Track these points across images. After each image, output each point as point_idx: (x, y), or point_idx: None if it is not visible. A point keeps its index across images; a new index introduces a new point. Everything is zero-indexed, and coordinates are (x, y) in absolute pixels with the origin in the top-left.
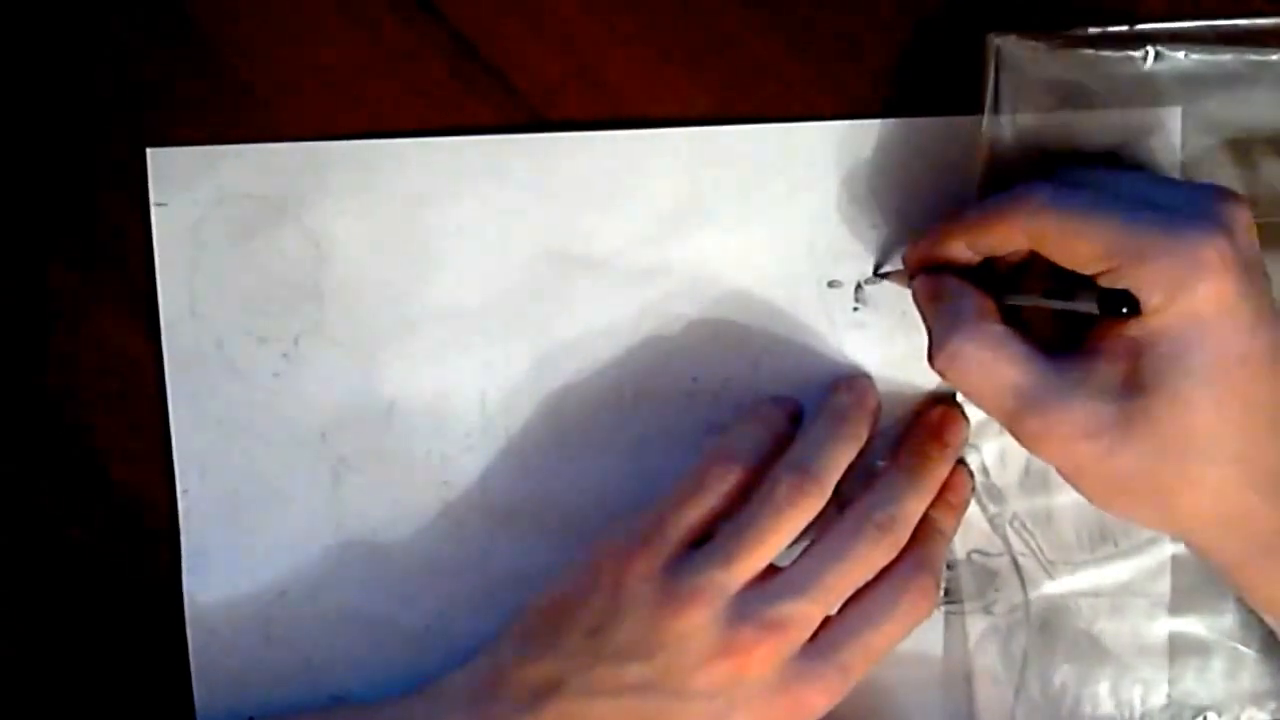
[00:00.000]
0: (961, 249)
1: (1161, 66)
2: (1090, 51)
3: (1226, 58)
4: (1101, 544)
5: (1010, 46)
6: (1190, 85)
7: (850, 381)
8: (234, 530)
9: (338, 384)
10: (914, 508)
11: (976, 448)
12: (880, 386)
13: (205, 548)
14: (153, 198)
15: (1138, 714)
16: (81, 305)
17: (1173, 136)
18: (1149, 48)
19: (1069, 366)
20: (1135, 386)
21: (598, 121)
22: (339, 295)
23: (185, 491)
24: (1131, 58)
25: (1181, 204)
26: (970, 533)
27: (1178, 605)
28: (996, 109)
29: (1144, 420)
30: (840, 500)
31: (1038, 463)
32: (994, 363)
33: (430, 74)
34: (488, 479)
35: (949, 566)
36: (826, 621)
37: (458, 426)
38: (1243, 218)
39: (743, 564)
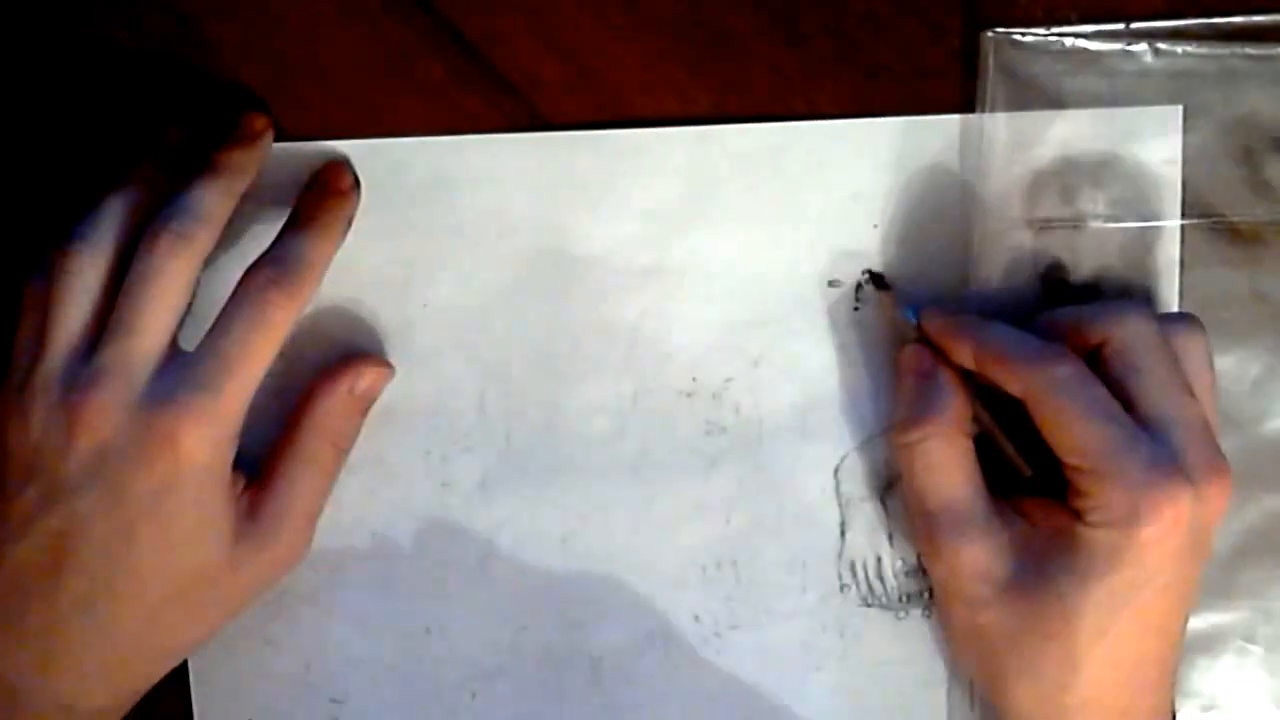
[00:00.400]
0: (966, 355)
1: (1160, 63)
2: (1088, 48)
3: (1224, 53)
4: None
5: (1006, 44)
6: (1189, 82)
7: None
8: None
9: None
10: (308, 252)
11: None
12: (880, 386)
13: None
14: None
15: None
16: None
17: (1174, 135)
18: (1146, 44)
19: (997, 509)
20: (1039, 565)
21: (597, 121)
22: (335, 296)
23: None
24: (1130, 54)
25: (1180, 449)
26: None
27: None
28: (993, 107)
29: (1026, 595)
30: None
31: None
32: (952, 470)
33: (428, 73)
34: (487, 480)
35: None
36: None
37: (456, 427)
38: (1221, 491)
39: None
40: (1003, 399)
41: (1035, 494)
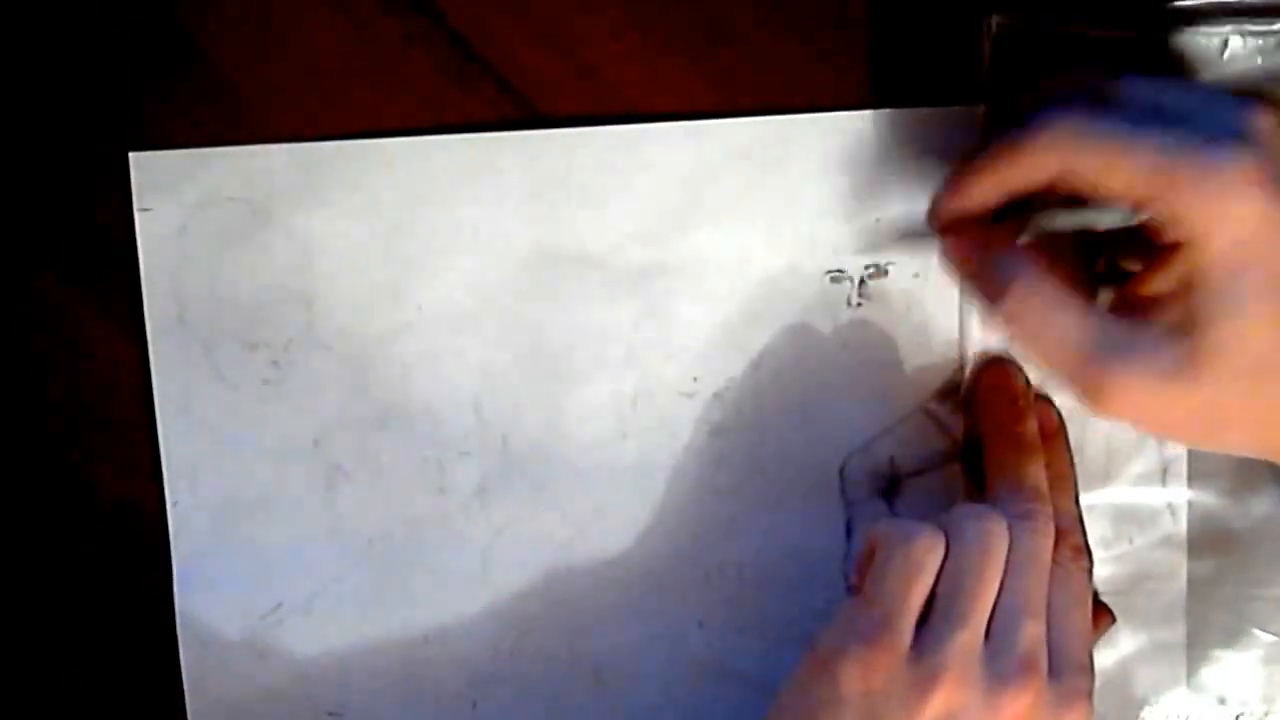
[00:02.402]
0: (988, 190)
1: (1159, 46)
2: (1088, 34)
3: (1224, 30)
4: (1115, 542)
5: (1008, 27)
6: (1187, 63)
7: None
8: (226, 542)
9: (330, 390)
10: (1033, 475)
11: None
12: (884, 381)
13: (197, 561)
14: (136, 203)
15: (1155, 708)
16: (66, 314)
17: None
18: (1150, 24)
19: (1126, 315)
20: (1195, 322)
21: (593, 116)
22: (329, 299)
23: (175, 503)
24: (1132, 40)
25: (1204, 120)
26: None
27: (1195, 598)
28: (996, 93)
29: (1212, 353)
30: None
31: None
32: (1057, 313)
33: (421, 69)
34: (485, 485)
35: None
36: None
37: (453, 431)
38: (1265, 126)
39: (976, 622)
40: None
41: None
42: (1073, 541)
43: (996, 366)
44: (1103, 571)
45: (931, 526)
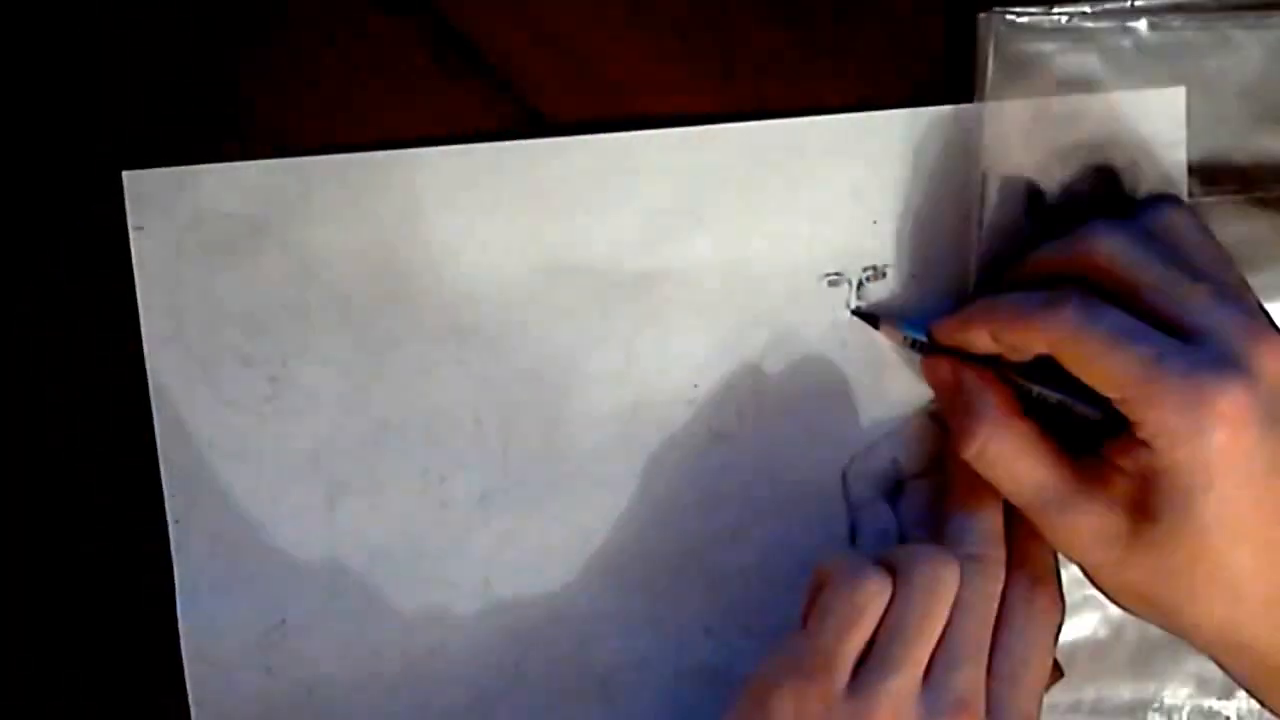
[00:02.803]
0: (986, 339)
1: (1159, 38)
2: (1087, 25)
3: (1224, 24)
4: None
5: (1003, 23)
6: (1190, 56)
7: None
8: (228, 560)
9: (328, 406)
10: (991, 519)
11: None
12: (885, 383)
13: (199, 579)
14: (130, 221)
15: (1163, 702)
16: (62, 332)
17: (1177, 117)
18: (1145, 19)
19: (1087, 471)
20: (1145, 509)
21: (595, 119)
22: (326, 314)
23: (176, 522)
24: (1128, 30)
25: (1211, 337)
26: None
27: None
28: (993, 92)
29: (1151, 543)
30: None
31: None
32: (1022, 459)
33: (419, 71)
34: (486, 498)
35: None
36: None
37: (453, 444)
38: (1274, 366)
39: (914, 665)
40: (1046, 362)
41: (1115, 434)
42: (1046, 593)
43: None
44: None
45: (880, 569)
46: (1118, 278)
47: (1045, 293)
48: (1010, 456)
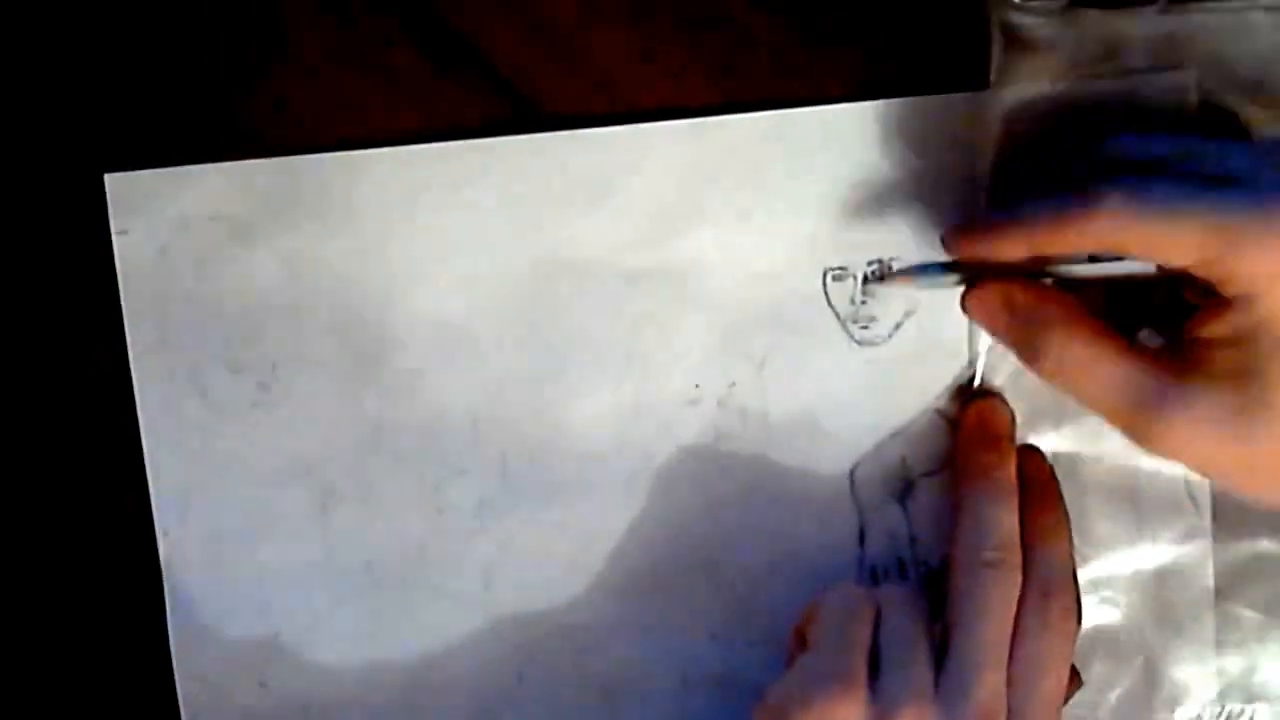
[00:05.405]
0: (1023, 250)
1: (1173, 21)
2: (1097, 10)
3: (1239, 6)
4: (1136, 530)
5: (1012, 7)
6: (1203, 39)
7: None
8: (220, 572)
9: (320, 411)
10: (1006, 522)
11: None
12: (893, 380)
13: (190, 592)
14: (114, 226)
15: (1186, 706)
16: (45, 340)
17: (1188, 100)
18: (1156, 2)
19: (1177, 359)
20: (1251, 372)
21: (590, 113)
22: (317, 317)
23: (165, 533)
24: (1140, 12)
25: (1263, 175)
26: None
27: (1223, 594)
28: (1003, 79)
29: (1268, 406)
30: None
31: (1066, 453)
32: (1104, 361)
33: (410, 66)
34: (484, 503)
35: None
36: None
37: (450, 449)
38: None
39: (927, 666)
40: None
41: (1188, 313)
42: (1063, 601)
43: (981, 405)
44: (1127, 568)
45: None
46: (1139, 164)
47: (1076, 191)
48: (1092, 360)
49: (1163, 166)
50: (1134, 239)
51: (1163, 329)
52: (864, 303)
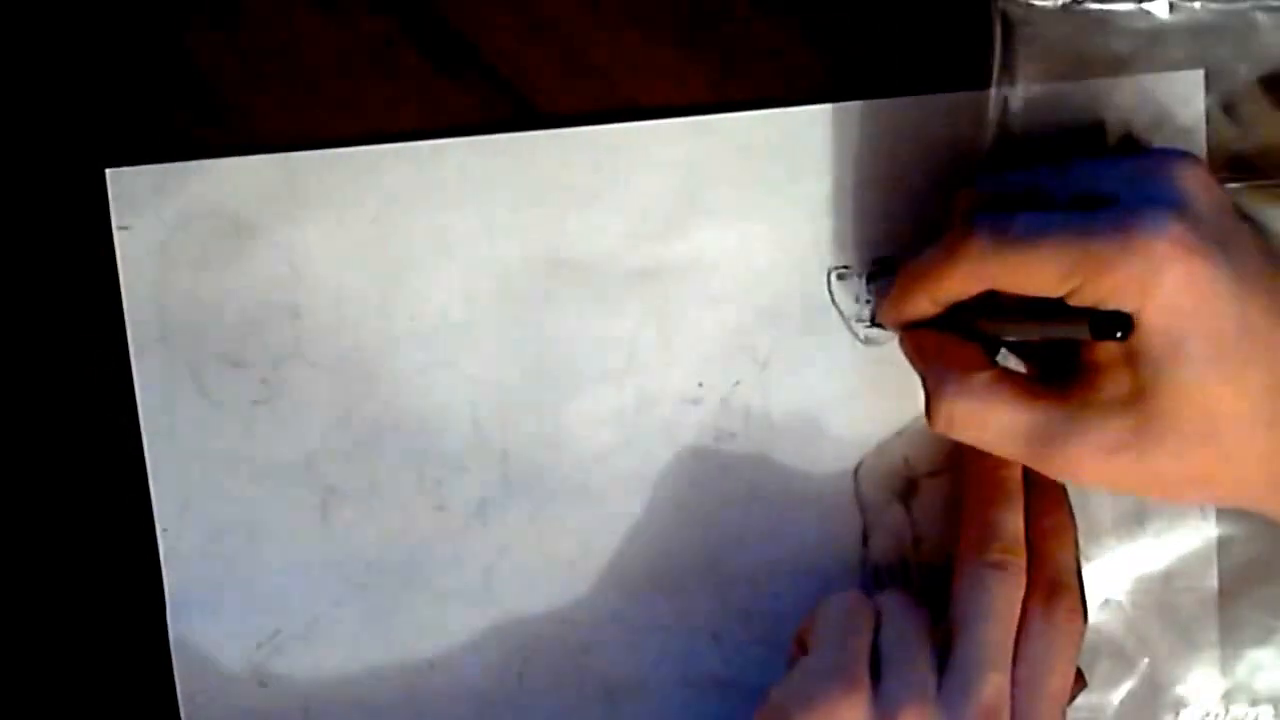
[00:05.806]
0: (926, 303)
1: (1177, 20)
2: (1104, 7)
3: (1244, 6)
4: (1139, 529)
5: (1017, 6)
6: (1208, 38)
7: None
8: (219, 570)
9: (321, 409)
10: (1011, 523)
11: None
12: (896, 380)
13: (190, 588)
14: (115, 221)
15: (1190, 709)
16: (46, 337)
17: (1196, 100)
18: (1166, 1)
19: (1071, 392)
20: (1142, 391)
21: (589, 112)
22: (317, 315)
23: (165, 530)
24: (1146, 13)
25: (1126, 189)
26: None
27: (1228, 595)
28: (1006, 78)
29: (1163, 420)
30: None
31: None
32: (990, 412)
33: (409, 65)
34: (485, 502)
35: None
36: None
37: (450, 447)
38: (1193, 181)
39: (929, 668)
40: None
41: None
42: (1069, 602)
43: None
44: (1132, 572)
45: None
46: (1014, 197)
47: (948, 235)
48: (982, 410)
49: (1034, 196)
50: (1002, 274)
51: (1021, 351)
52: (869, 301)
